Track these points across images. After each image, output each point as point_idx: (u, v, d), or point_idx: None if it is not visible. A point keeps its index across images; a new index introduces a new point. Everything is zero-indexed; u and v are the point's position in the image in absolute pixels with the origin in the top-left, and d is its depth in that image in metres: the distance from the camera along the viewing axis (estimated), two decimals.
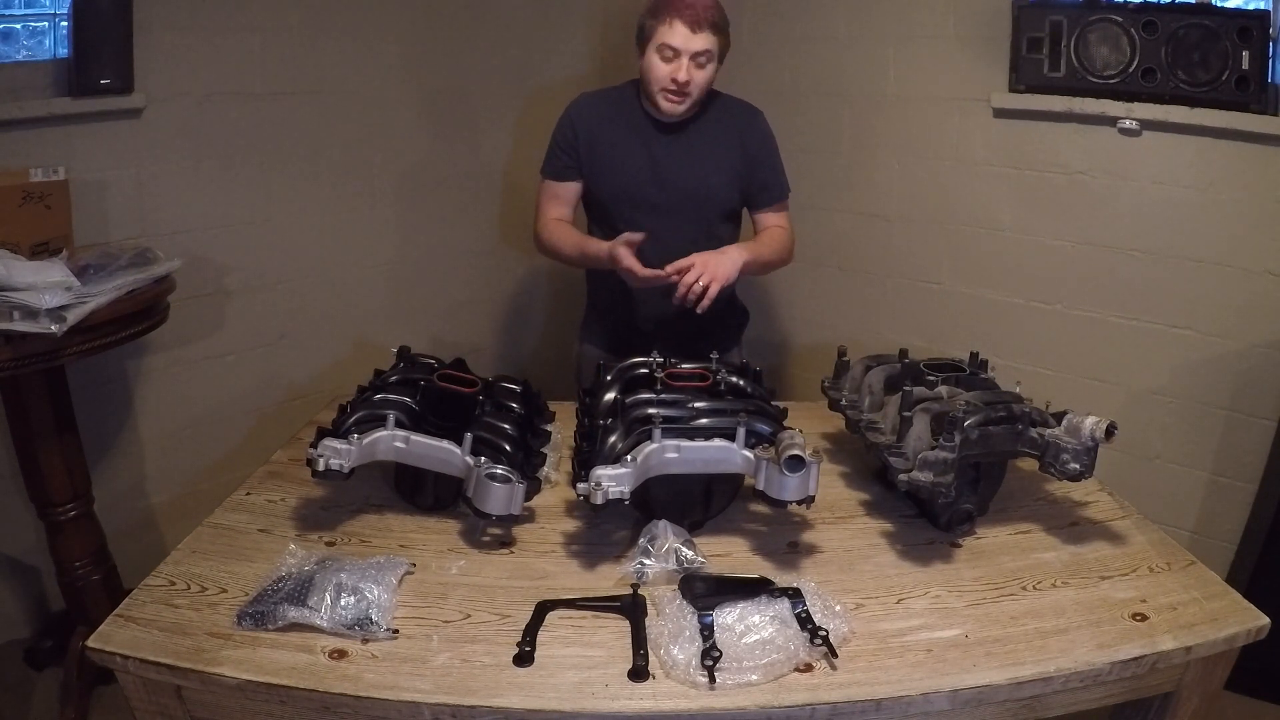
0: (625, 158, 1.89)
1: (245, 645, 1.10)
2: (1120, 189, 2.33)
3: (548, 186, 1.97)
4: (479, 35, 2.84)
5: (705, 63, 1.77)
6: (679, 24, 1.73)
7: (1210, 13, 2.14)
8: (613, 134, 1.90)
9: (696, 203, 1.90)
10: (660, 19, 1.74)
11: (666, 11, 1.74)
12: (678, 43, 1.73)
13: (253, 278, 2.51)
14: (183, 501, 2.46)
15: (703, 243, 1.87)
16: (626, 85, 1.93)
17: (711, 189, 1.91)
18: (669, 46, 1.74)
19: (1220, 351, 2.26)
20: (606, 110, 1.92)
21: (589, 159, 1.91)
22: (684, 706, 1.02)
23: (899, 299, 2.77)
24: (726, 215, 1.97)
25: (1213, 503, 2.33)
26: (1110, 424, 1.28)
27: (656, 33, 1.75)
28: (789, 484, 1.24)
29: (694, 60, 1.75)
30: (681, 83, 1.76)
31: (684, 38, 1.73)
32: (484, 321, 3.12)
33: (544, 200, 1.98)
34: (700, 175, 1.89)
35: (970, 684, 1.06)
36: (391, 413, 1.39)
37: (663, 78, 1.77)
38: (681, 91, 1.78)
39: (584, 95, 1.97)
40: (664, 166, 1.88)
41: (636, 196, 1.90)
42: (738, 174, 1.92)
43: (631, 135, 1.89)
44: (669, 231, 1.86)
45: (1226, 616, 1.18)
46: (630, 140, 1.89)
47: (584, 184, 1.95)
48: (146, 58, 2.16)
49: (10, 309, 1.57)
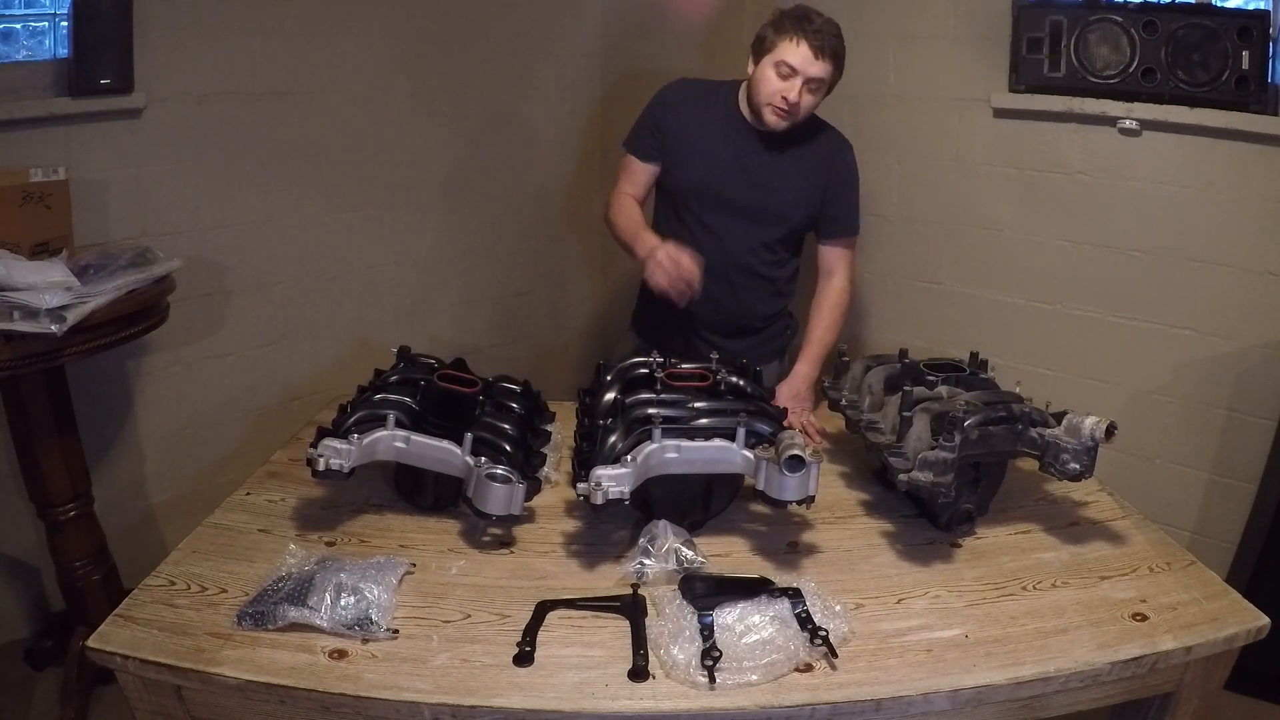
0: (711, 152, 1.88)
1: (245, 645, 1.10)
2: (1120, 189, 2.33)
3: (628, 162, 1.97)
4: (480, 35, 2.84)
5: (817, 89, 1.77)
6: (804, 45, 1.71)
7: (1210, 13, 2.14)
8: (704, 126, 1.89)
9: (768, 216, 1.91)
10: (785, 35, 1.73)
11: (793, 30, 1.72)
12: (797, 63, 1.72)
13: (253, 278, 2.50)
14: (183, 501, 2.45)
15: (760, 253, 1.93)
16: (727, 83, 1.93)
17: (785, 206, 1.91)
18: (787, 64, 1.73)
19: (1220, 351, 2.26)
20: (703, 100, 1.91)
21: (675, 145, 1.90)
22: (684, 706, 1.02)
23: (899, 299, 2.77)
24: (789, 236, 1.97)
25: (1213, 503, 2.33)
26: (1110, 424, 1.29)
27: (779, 47, 1.74)
28: (789, 484, 1.24)
29: (808, 84, 1.74)
30: (792, 103, 1.75)
31: (804, 60, 1.72)
32: (484, 321, 3.12)
33: (622, 174, 1.98)
34: (779, 191, 1.89)
35: (970, 684, 1.06)
36: (392, 413, 1.39)
37: (773, 94, 1.76)
38: (790, 111, 1.77)
39: (682, 80, 1.96)
40: (747, 172, 1.88)
41: (712, 193, 1.89)
42: (814, 201, 1.92)
43: (722, 133, 1.88)
44: (731, 234, 1.89)
45: (1226, 616, 1.18)
46: (720, 137, 1.88)
47: (661, 170, 1.94)
48: (146, 58, 2.16)
49: (10, 309, 1.57)
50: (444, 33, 2.75)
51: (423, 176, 2.82)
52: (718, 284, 1.90)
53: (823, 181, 1.91)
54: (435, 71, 2.76)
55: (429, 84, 2.76)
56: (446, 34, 2.76)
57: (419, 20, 2.70)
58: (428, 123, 2.79)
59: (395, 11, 2.64)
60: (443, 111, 2.81)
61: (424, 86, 2.75)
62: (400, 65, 2.69)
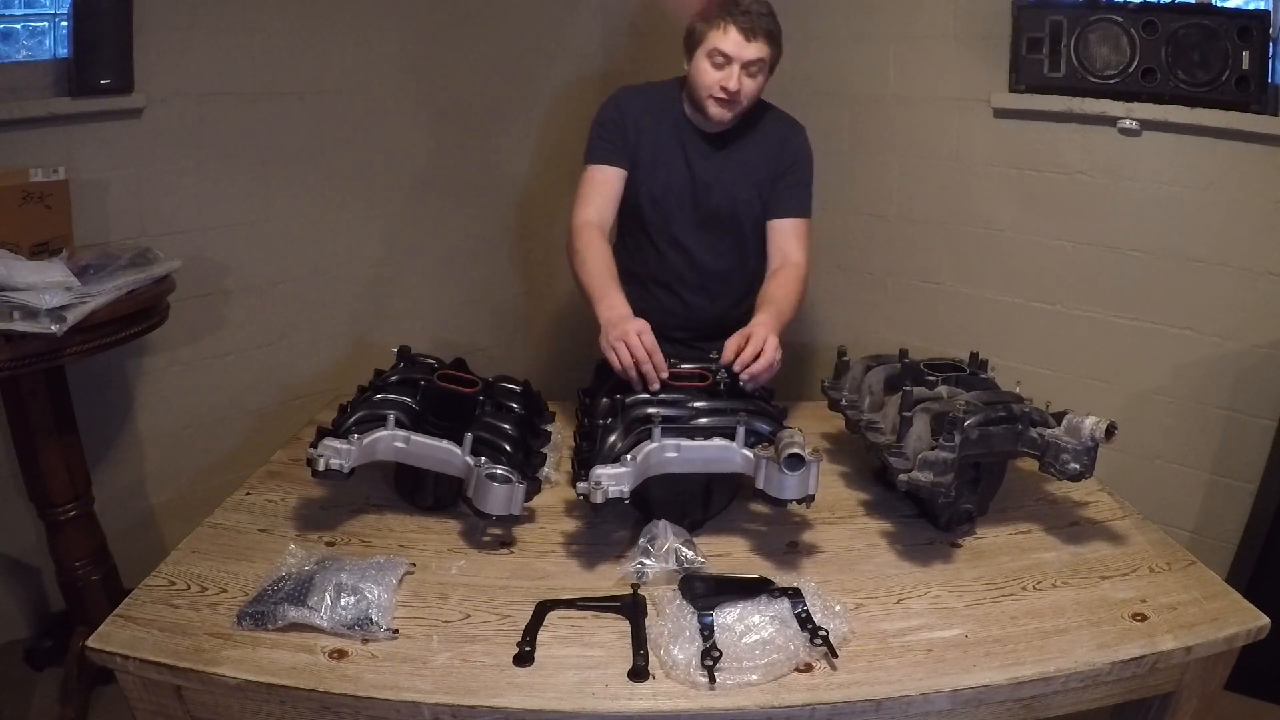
0: (664, 164, 1.82)
1: (245, 645, 1.10)
2: (1120, 189, 2.33)
3: (593, 174, 1.81)
4: (481, 35, 2.84)
5: (757, 72, 1.71)
6: (733, 30, 1.65)
7: (1210, 13, 2.14)
8: (654, 134, 1.82)
9: (733, 220, 1.86)
10: (713, 24, 1.67)
11: (720, 16, 1.66)
12: (730, 49, 1.66)
13: (253, 278, 2.50)
14: (183, 501, 2.46)
15: (733, 255, 1.87)
16: (670, 83, 1.86)
17: (744, 204, 1.84)
18: (720, 52, 1.67)
19: (1220, 351, 2.26)
20: (649, 110, 1.83)
21: (634, 154, 1.82)
22: (684, 706, 1.02)
23: (899, 299, 2.77)
24: (757, 230, 1.88)
25: (1213, 503, 2.33)
26: (1110, 424, 1.28)
27: (708, 37, 1.68)
28: (788, 483, 1.24)
29: (746, 69, 1.68)
30: (732, 91, 1.69)
31: (737, 45, 1.66)
32: (484, 321, 3.12)
33: (587, 189, 1.81)
34: (734, 192, 1.83)
35: (970, 684, 1.06)
36: (392, 413, 1.39)
37: (712, 84, 1.70)
38: (731, 100, 1.71)
39: (624, 89, 1.88)
40: (701, 181, 1.82)
41: (673, 209, 1.84)
42: (766, 187, 1.85)
43: (672, 139, 1.82)
44: (700, 245, 1.85)
45: (1226, 616, 1.18)
46: (670, 145, 1.82)
47: None
48: (146, 58, 2.16)
49: (10, 309, 1.57)
50: (444, 33, 2.75)
51: (423, 176, 2.82)
52: (693, 294, 1.87)
53: (775, 166, 1.83)
54: (435, 71, 2.76)
55: (429, 84, 2.76)
56: (446, 34, 2.76)
57: (419, 20, 2.70)
58: (428, 123, 2.79)
59: (395, 11, 2.64)
60: (442, 111, 2.81)
61: (424, 86, 2.75)
62: (400, 65, 2.69)
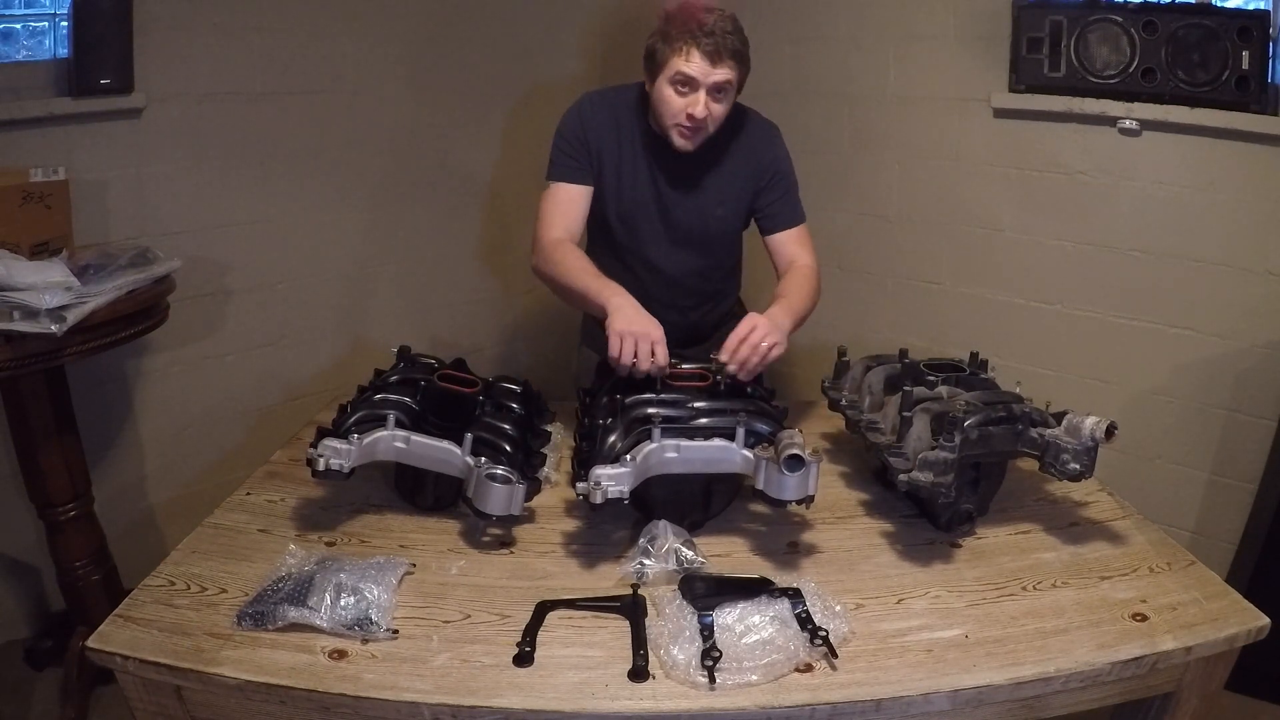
0: (630, 179, 1.72)
1: (245, 645, 1.10)
2: (1120, 189, 2.33)
3: (555, 192, 1.70)
4: (481, 35, 2.84)
5: (724, 95, 1.59)
6: (696, 54, 1.52)
7: (1210, 13, 2.14)
8: (619, 148, 1.71)
9: (707, 236, 1.78)
10: (674, 46, 1.54)
11: (681, 39, 1.53)
12: (695, 73, 1.53)
13: (253, 278, 2.50)
14: (183, 501, 2.46)
15: (706, 271, 1.83)
16: (635, 89, 1.73)
17: (717, 221, 1.76)
18: (685, 76, 1.54)
19: (1220, 351, 2.26)
20: (613, 119, 1.71)
21: (599, 169, 1.72)
22: (684, 707, 1.02)
23: (899, 299, 2.77)
24: (732, 244, 1.85)
25: (1213, 503, 2.33)
26: (1110, 424, 1.28)
27: (670, 62, 1.55)
28: (788, 483, 1.24)
29: (712, 94, 1.57)
30: (699, 119, 1.57)
31: (702, 70, 1.53)
32: (484, 321, 3.12)
33: (550, 209, 1.69)
34: (705, 210, 1.75)
35: (970, 684, 1.06)
36: (391, 413, 1.39)
37: (676, 112, 1.58)
38: (699, 128, 1.59)
39: (588, 96, 1.76)
40: (668, 199, 1.73)
41: (643, 226, 1.76)
42: (745, 203, 1.76)
43: (637, 154, 1.71)
44: (671, 262, 1.78)
45: (1226, 616, 1.18)
46: (636, 160, 1.71)
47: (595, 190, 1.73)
48: (146, 58, 2.16)
49: (10, 309, 1.57)
50: (444, 32, 2.75)
51: (423, 176, 2.82)
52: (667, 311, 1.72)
53: (753, 181, 1.73)
54: (434, 71, 2.76)
55: (428, 83, 2.76)
56: (447, 34, 2.76)
57: (420, 20, 2.70)
58: (428, 122, 2.79)
59: (396, 11, 2.65)
60: (442, 111, 2.81)
61: (423, 86, 2.75)
62: (400, 65, 2.69)
